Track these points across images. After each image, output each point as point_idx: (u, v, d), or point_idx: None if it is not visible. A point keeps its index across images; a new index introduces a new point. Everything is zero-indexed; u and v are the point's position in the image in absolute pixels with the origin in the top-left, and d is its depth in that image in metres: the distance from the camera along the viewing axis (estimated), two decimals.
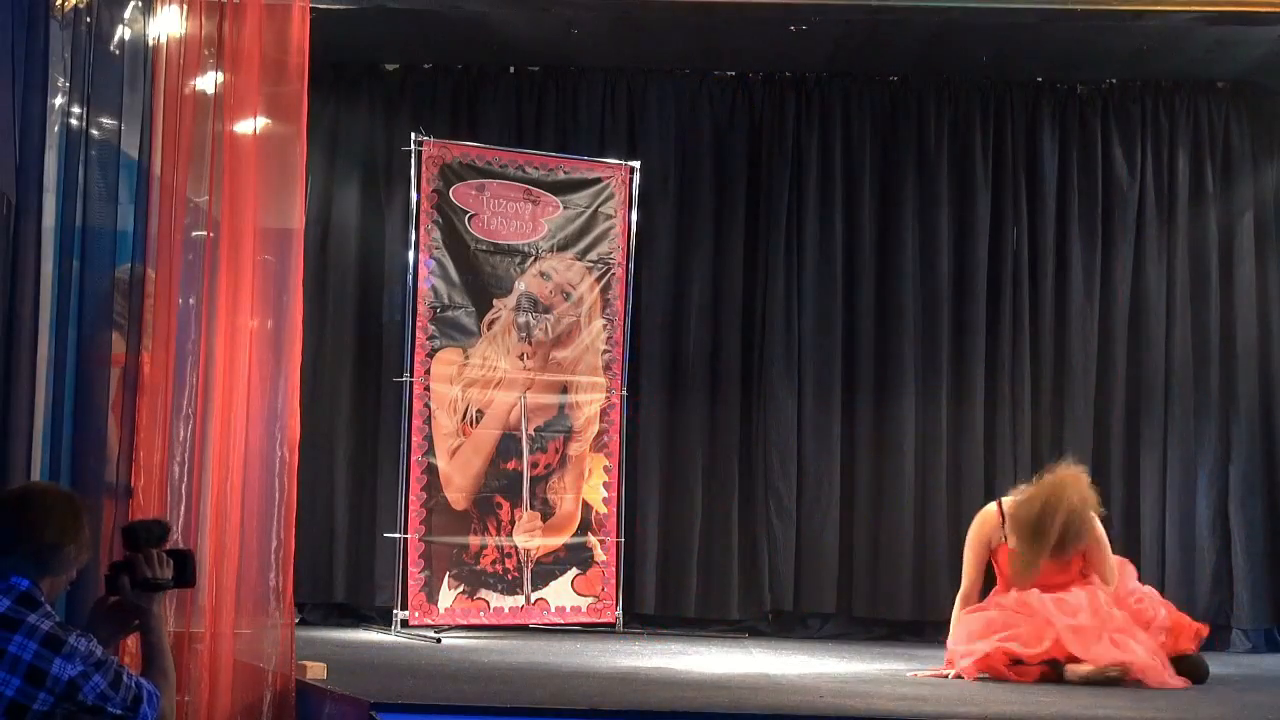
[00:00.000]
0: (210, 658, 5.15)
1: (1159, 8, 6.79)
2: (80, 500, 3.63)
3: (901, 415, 8.20)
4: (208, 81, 5.49)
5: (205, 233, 5.42)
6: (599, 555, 7.80)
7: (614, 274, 7.94)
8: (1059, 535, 6.26)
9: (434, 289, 7.55)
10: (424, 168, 7.56)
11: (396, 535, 7.41)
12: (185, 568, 3.71)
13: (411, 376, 7.46)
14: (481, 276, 7.68)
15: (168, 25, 5.52)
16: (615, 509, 7.87)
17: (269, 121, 5.47)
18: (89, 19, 5.59)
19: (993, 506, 6.57)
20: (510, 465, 7.65)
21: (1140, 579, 8.00)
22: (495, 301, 7.69)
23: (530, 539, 7.66)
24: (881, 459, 8.22)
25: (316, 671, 5.41)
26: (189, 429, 5.33)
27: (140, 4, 5.69)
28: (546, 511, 7.71)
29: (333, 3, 6.57)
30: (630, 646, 7.16)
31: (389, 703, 4.89)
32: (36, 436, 5.41)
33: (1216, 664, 7.25)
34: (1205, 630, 6.50)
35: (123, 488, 5.27)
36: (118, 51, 5.69)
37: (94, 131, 5.54)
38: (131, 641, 4.20)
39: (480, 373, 7.63)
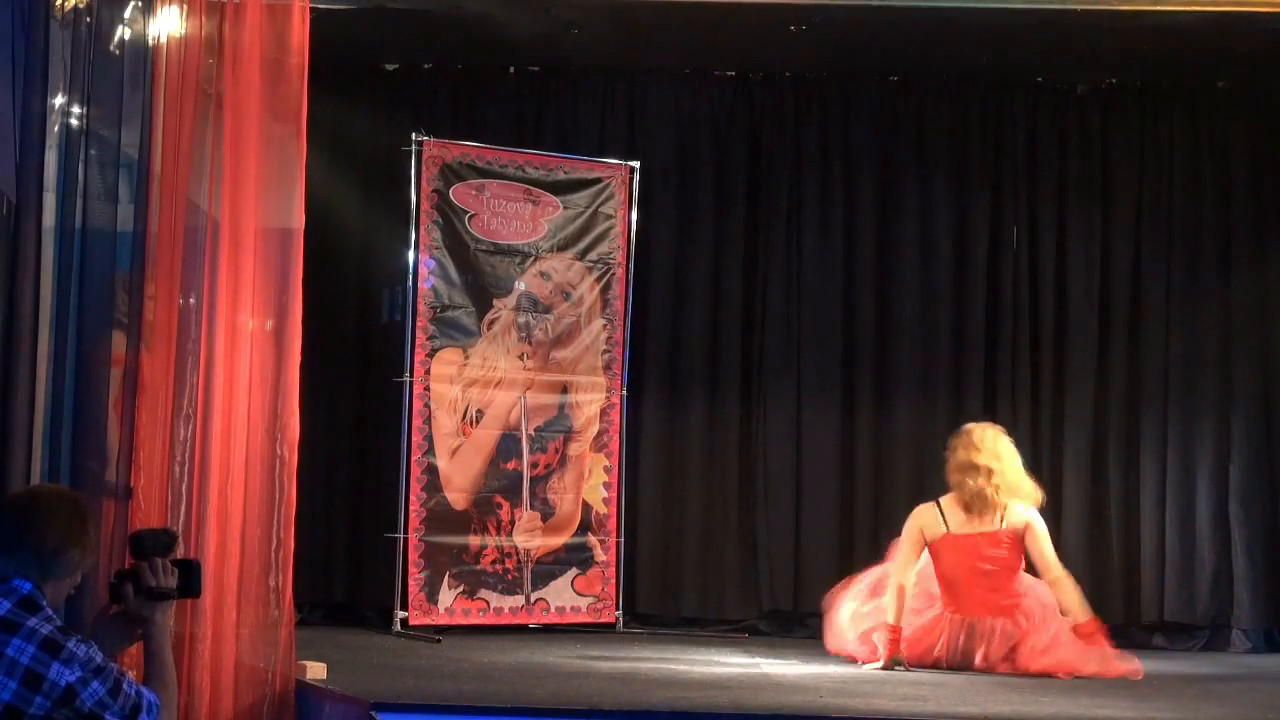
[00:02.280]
0: (210, 658, 5.15)
1: (1159, 8, 6.79)
2: (85, 504, 3.61)
3: (901, 415, 8.20)
4: (208, 81, 5.49)
5: (205, 233, 5.42)
6: (599, 555, 7.80)
7: (614, 274, 7.94)
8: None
9: (434, 289, 7.55)
10: (424, 168, 7.56)
11: (396, 535, 7.40)
12: (191, 578, 3.68)
13: (411, 376, 7.46)
14: (481, 276, 7.68)
15: (168, 25, 5.52)
16: (615, 509, 7.87)
17: (269, 121, 5.46)
18: (89, 19, 5.59)
19: (930, 504, 6.81)
20: (510, 465, 7.65)
21: (1141, 579, 8.08)
22: (495, 301, 7.69)
23: (530, 539, 7.66)
24: (881, 459, 8.22)
25: (316, 671, 5.41)
26: (189, 429, 5.32)
27: (140, 4, 5.69)
28: (546, 511, 7.71)
29: (333, 3, 6.57)
30: (630, 646, 7.16)
31: (389, 703, 4.90)
32: (36, 436, 5.41)
33: (1217, 664, 7.29)
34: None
35: (123, 488, 5.27)
36: (118, 51, 5.69)
37: (94, 131, 5.54)
38: (134, 650, 4.18)
39: (480, 373, 7.63)
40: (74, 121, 5.56)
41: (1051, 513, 8.11)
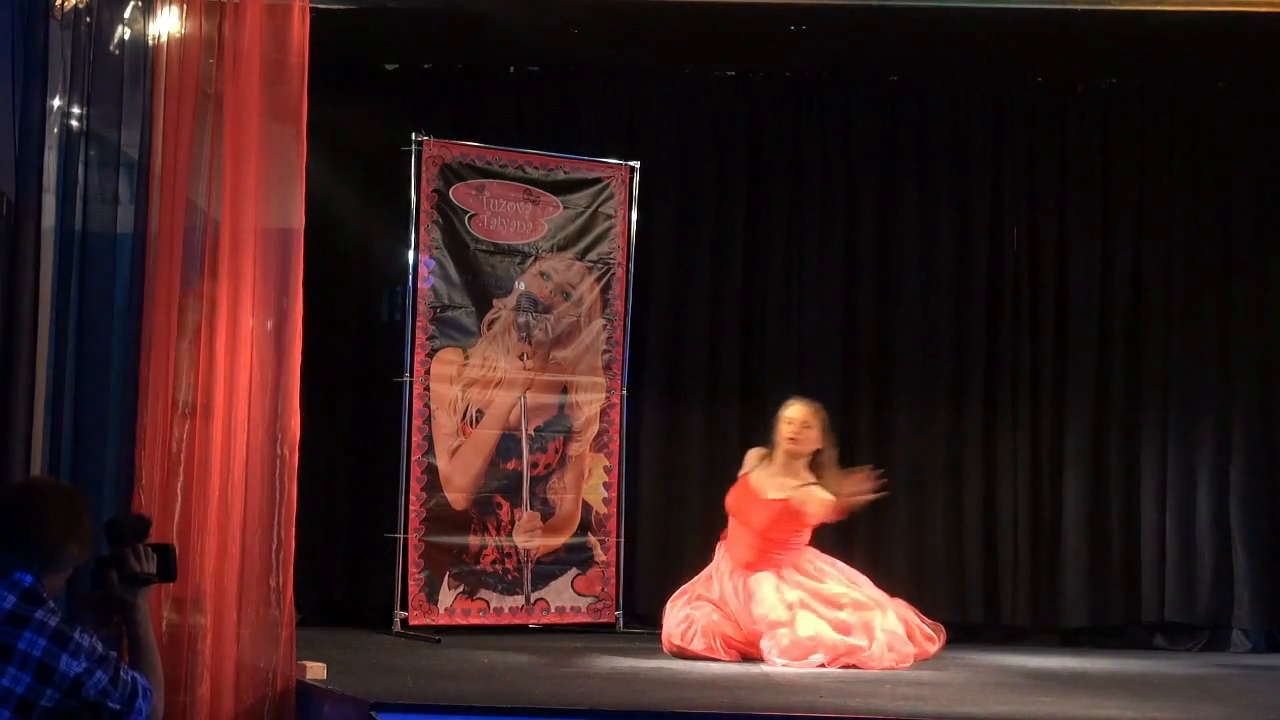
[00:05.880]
0: (210, 658, 5.15)
1: (1159, 8, 6.79)
2: (81, 497, 3.63)
3: (901, 415, 8.20)
4: (208, 81, 5.49)
5: (205, 233, 5.42)
6: (599, 555, 7.80)
7: (614, 274, 7.94)
8: None
9: (434, 289, 7.55)
10: (424, 168, 7.56)
11: (396, 535, 7.41)
12: (167, 562, 3.72)
13: (411, 376, 7.47)
14: (481, 276, 7.68)
15: (168, 25, 5.52)
16: (615, 509, 7.87)
17: (269, 121, 5.47)
18: (89, 19, 5.60)
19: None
20: (510, 465, 7.65)
21: (1140, 578, 8.07)
22: (495, 301, 7.69)
23: (530, 539, 7.66)
24: (880, 459, 8.19)
25: (316, 671, 5.41)
26: (189, 429, 5.32)
27: (140, 4, 5.69)
28: (546, 511, 7.71)
29: (333, 3, 6.57)
30: (630, 646, 7.16)
31: (389, 703, 4.90)
32: (36, 436, 5.41)
33: (1217, 664, 7.28)
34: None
35: (123, 488, 5.27)
36: (118, 51, 5.70)
37: (94, 131, 5.54)
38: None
39: (480, 373, 7.63)
40: (74, 121, 5.56)
41: (1052, 512, 8.14)
